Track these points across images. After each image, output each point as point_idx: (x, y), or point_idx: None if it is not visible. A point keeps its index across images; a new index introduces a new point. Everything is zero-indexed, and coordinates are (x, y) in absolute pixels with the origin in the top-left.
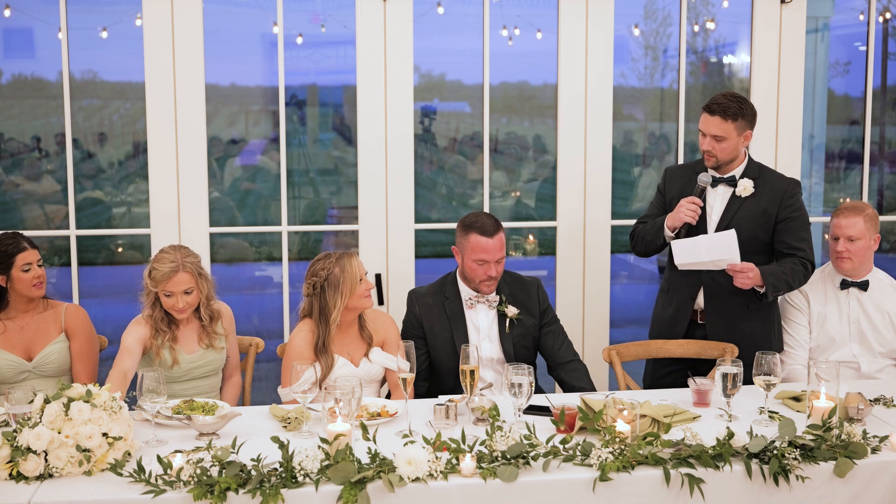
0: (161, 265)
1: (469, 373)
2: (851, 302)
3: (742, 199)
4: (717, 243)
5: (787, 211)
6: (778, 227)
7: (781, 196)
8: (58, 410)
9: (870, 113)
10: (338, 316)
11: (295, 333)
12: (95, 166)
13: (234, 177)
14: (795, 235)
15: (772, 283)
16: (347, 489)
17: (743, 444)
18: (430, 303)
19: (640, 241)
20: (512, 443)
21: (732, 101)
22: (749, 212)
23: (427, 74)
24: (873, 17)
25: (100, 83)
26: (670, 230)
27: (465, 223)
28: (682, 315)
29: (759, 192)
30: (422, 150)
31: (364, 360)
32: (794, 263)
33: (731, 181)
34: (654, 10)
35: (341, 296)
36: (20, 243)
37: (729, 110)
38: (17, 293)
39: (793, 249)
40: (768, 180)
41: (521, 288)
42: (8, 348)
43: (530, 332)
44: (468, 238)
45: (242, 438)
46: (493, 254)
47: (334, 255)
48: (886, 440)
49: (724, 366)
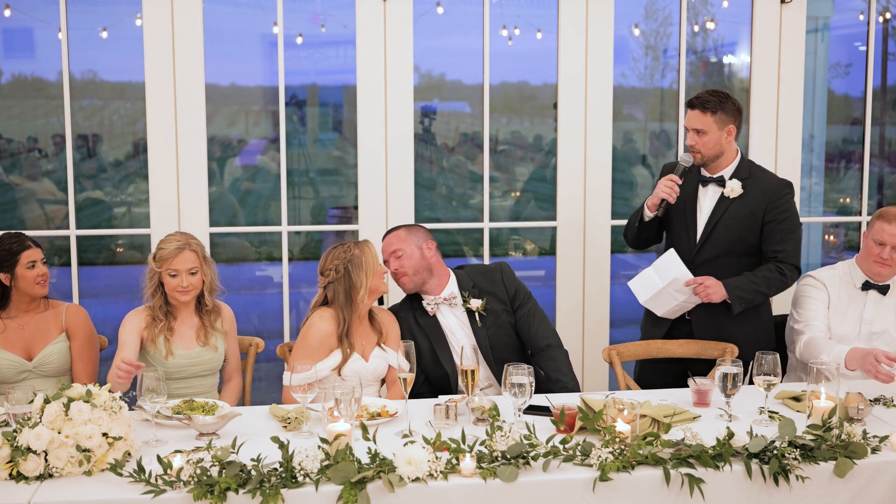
0: (167, 244)
1: (469, 373)
2: (868, 303)
3: (730, 199)
4: (662, 266)
5: (773, 213)
6: (764, 229)
7: (769, 197)
8: (58, 410)
9: (870, 113)
10: (365, 295)
11: (315, 318)
12: (95, 166)
13: (234, 177)
14: (780, 238)
15: (737, 295)
16: (347, 489)
17: (743, 444)
18: (405, 317)
19: (628, 228)
20: (512, 443)
21: (712, 96)
22: (736, 213)
23: (427, 74)
24: (873, 17)
25: (100, 83)
26: (650, 209)
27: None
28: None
29: (748, 193)
30: (422, 150)
31: (373, 355)
32: (770, 270)
33: (720, 181)
34: (655, 10)
35: (366, 274)
36: (24, 241)
37: (708, 104)
38: (20, 292)
39: (774, 252)
40: (758, 181)
41: (485, 277)
42: (8, 348)
43: (504, 318)
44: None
45: (242, 438)
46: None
47: (348, 241)
48: (886, 440)
49: (724, 366)
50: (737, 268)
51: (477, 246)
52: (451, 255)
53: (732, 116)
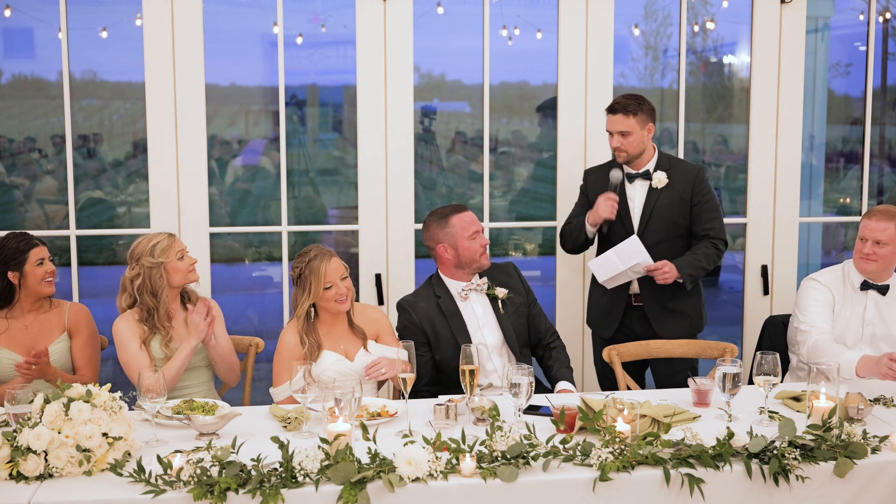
0: (157, 238)
1: (468, 373)
2: (868, 304)
3: (659, 189)
4: (625, 251)
5: (698, 196)
6: (692, 211)
7: (693, 182)
8: (58, 410)
9: (870, 113)
10: (303, 312)
11: (284, 331)
12: (95, 166)
13: (234, 177)
14: (707, 217)
15: (688, 273)
16: (347, 489)
17: (743, 444)
18: (425, 307)
19: (567, 239)
20: (512, 443)
21: (631, 100)
22: (667, 200)
23: (427, 74)
24: (873, 18)
25: (100, 83)
26: (591, 226)
27: (438, 215)
28: (618, 299)
29: (673, 181)
30: (422, 150)
31: (359, 354)
32: (707, 247)
33: (646, 175)
34: (654, 11)
35: (306, 296)
36: (31, 239)
37: (629, 107)
38: (28, 290)
39: (705, 230)
40: (678, 169)
41: (501, 271)
42: (11, 347)
43: (522, 311)
44: (451, 222)
45: (242, 438)
46: (478, 223)
47: (311, 253)
48: (886, 440)
49: (724, 366)
50: (673, 251)
51: None
52: None
53: (650, 116)
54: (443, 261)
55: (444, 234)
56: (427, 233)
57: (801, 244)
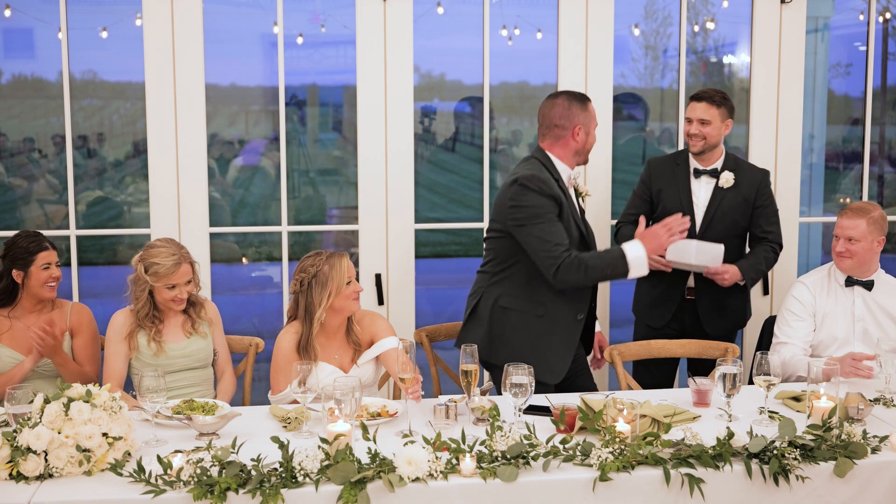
0: (162, 259)
1: (468, 373)
2: (857, 300)
3: (725, 189)
4: (705, 251)
5: (761, 199)
6: (754, 213)
7: (758, 185)
8: (58, 410)
9: (870, 113)
10: (322, 314)
11: (281, 336)
12: (95, 166)
13: (234, 177)
14: (768, 220)
15: (751, 276)
16: (347, 489)
17: (743, 444)
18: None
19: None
20: (512, 443)
21: (717, 92)
22: (732, 200)
23: (427, 74)
24: (873, 18)
25: (100, 83)
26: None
27: (579, 98)
28: (674, 291)
29: (739, 183)
30: (422, 150)
31: (354, 367)
32: (766, 250)
33: (713, 173)
34: (654, 10)
35: (328, 294)
36: (42, 241)
37: (714, 98)
38: (30, 292)
39: (766, 233)
40: (745, 171)
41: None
42: (13, 346)
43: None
44: (589, 108)
45: (242, 438)
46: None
47: (325, 253)
48: (886, 440)
49: (724, 366)
50: (730, 250)
51: (477, 246)
52: (451, 254)
53: (730, 112)
54: (567, 144)
55: (584, 118)
56: (566, 111)
57: (801, 244)
